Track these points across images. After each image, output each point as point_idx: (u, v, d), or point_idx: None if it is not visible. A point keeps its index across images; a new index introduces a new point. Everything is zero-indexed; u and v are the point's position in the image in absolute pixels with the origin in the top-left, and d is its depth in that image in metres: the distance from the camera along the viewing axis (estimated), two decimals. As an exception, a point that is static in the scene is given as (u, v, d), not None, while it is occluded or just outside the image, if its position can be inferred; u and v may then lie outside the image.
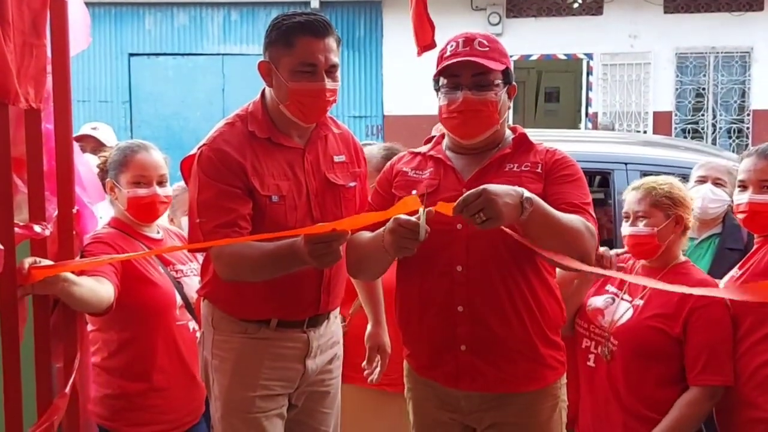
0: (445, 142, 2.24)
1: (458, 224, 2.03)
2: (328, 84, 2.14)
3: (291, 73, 2.12)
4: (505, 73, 2.10)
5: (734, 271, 2.51)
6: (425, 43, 2.06)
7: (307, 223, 2.15)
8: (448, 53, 2.09)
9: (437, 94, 2.15)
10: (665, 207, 2.47)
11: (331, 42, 2.14)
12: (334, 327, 2.40)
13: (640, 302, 2.47)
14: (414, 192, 2.08)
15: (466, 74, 2.05)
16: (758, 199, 2.43)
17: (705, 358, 2.36)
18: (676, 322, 2.39)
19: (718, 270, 2.78)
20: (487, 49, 2.07)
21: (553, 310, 2.12)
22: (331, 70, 2.14)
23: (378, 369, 2.59)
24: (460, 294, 2.04)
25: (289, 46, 2.11)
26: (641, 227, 2.47)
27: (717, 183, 3.17)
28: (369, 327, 2.63)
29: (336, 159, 2.29)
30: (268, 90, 2.24)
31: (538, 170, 2.07)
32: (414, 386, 2.25)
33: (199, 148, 2.18)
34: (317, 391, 2.35)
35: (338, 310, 2.45)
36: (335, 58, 2.15)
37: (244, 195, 2.11)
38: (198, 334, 2.41)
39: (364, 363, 2.62)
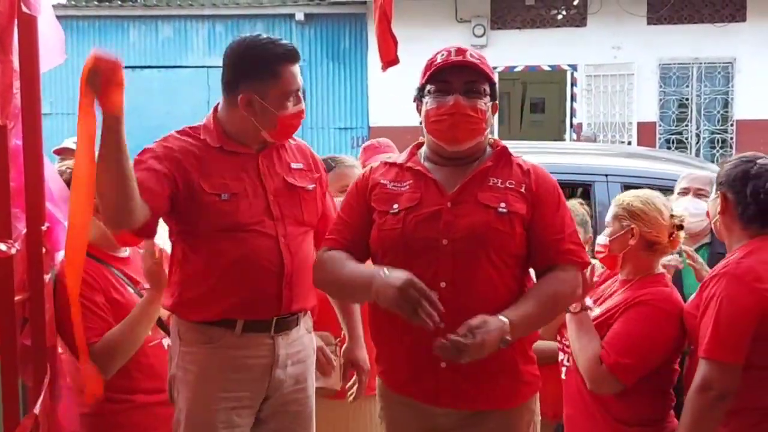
0: (423, 152, 2.18)
1: (444, 239, 2.00)
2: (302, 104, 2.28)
3: (279, 102, 2.19)
4: (491, 87, 2.11)
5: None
6: (389, 59, 2.07)
7: (266, 221, 2.21)
8: (438, 60, 2.08)
9: (420, 104, 2.13)
10: (621, 218, 2.50)
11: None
12: (306, 340, 2.35)
13: (597, 312, 2.49)
14: (396, 206, 2.06)
15: (458, 80, 2.05)
16: None
17: (612, 340, 2.34)
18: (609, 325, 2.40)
19: None
20: (478, 60, 2.09)
21: None
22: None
23: (356, 386, 2.55)
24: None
25: (275, 77, 2.17)
26: (600, 237, 2.55)
27: (699, 194, 3.16)
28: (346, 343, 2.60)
29: (293, 165, 2.33)
30: (223, 106, 2.28)
31: (522, 190, 2.06)
32: (388, 404, 2.18)
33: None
34: (290, 411, 2.30)
35: (310, 323, 2.40)
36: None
37: (167, 179, 2.13)
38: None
39: (337, 381, 2.59)
